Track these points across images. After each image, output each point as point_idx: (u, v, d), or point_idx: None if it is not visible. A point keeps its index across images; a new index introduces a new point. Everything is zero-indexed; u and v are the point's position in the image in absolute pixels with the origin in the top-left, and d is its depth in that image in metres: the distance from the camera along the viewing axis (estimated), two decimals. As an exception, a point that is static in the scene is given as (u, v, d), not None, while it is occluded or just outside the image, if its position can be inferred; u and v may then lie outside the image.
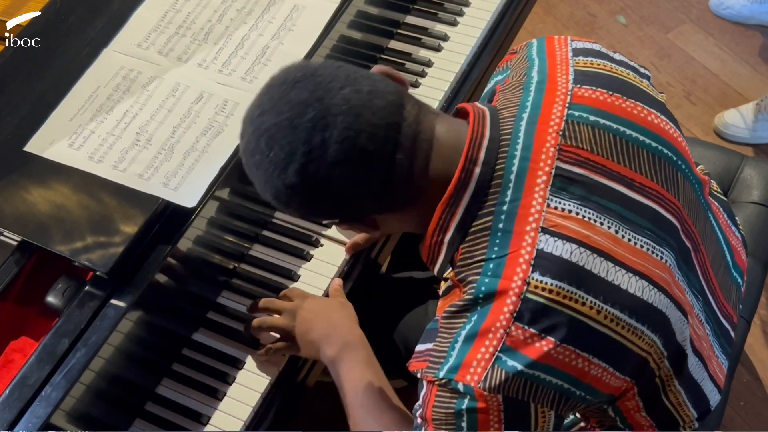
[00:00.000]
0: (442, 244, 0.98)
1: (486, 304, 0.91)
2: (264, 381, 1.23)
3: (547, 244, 0.91)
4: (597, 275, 0.92)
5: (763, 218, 1.51)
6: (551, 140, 0.96)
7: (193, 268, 1.26)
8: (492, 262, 0.92)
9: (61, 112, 1.25)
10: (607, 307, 0.92)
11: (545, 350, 0.90)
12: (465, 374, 0.90)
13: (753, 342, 2.00)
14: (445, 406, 0.93)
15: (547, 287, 0.90)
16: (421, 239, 1.02)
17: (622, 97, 1.02)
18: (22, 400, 1.05)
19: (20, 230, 1.15)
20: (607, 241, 0.94)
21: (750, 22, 2.61)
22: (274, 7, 1.36)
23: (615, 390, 0.98)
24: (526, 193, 0.93)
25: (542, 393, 0.92)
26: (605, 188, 0.96)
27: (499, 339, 0.90)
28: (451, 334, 0.93)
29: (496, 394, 0.90)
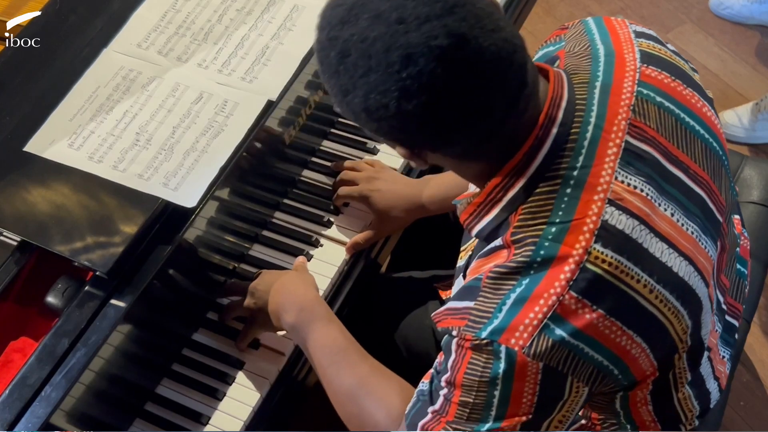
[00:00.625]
0: (499, 202, 0.94)
1: (542, 268, 0.89)
2: (264, 381, 1.23)
3: (612, 216, 0.90)
4: (652, 254, 0.92)
5: (763, 218, 1.51)
6: (623, 113, 0.95)
7: (193, 268, 1.25)
8: (555, 226, 0.90)
9: (60, 112, 1.25)
10: (659, 288, 0.92)
11: (594, 323, 0.89)
12: (510, 338, 0.88)
13: (753, 342, 2.00)
14: (480, 372, 0.91)
15: (607, 259, 0.89)
16: (466, 202, 0.98)
17: (682, 84, 1.02)
18: (22, 400, 1.05)
19: (20, 230, 1.14)
20: (664, 223, 0.94)
21: (750, 22, 2.61)
22: (274, 7, 1.36)
23: (641, 373, 0.98)
24: (597, 161, 0.91)
25: (582, 367, 0.91)
26: (666, 170, 0.96)
27: (551, 306, 0.88)
28: (497, 294, 0.90)
29: (537, 361, 0.88)
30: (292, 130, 1.38)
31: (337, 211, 1.40)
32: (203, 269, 1.29)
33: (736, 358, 1.39)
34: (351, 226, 1.39)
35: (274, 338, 1.27)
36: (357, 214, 1.40)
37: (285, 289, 1.21)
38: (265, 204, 1.39)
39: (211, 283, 1.31)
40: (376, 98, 0.84)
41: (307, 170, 1.45)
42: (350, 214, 1.40)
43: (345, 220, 1.40)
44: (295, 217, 1.40)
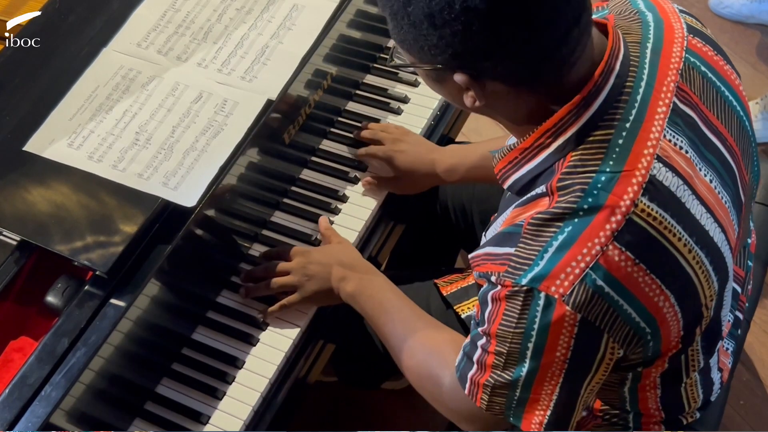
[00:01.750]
0: (546, 148, 0.93)
1: (587, 216, 0.88)
2: (264, 380, 1.23)
3: (659, 172, 0.90)
4: (693, 215, 0.93)
5: (764, 217, 1.51)
6: (672, 76, 0.96)
7: (192, 267, 1.26)
8: (604, 175, 0.89)
9: (60, 112, 1.25)
10: (697, 249, 0.93)
11: (635, 277, 0.89)
12: (551, 285, 0.88)
13: (753, 341, 2.00)
14: (515, 322, 0.91)
15: (652, 213, 0.89)
16: (507, 149, 0.98)
17: (723, 60, 1.04)
18: (21, 400, 1.05)
19: (20, 230, 1.14)
20: (703, 187, 0.95)
21: (750, 21, 2.61)
22: (274, 6, 1.36)
23: (667, 342, 0.98)
24: (648, 117, 0.92)
25: (619, 325, 0.90)
26: (706, 137, 0.98)
27: (594, 255, 0.87)
28: (539, 241, 0.90)
29: (576, 312, 0.88)
30: (292, 130, 1.38)
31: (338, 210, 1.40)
32: (203, 268, 1.29)
33: (736, 356, 1.39)
34: (349, 225, 1.39)
35: (273, 335, 1.27)
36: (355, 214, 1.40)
37: (342, 264, 1.26)
38: (265, 203, 1.39)
39: (210, 282, 1.31)
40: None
41: (307, 170, 1.45)
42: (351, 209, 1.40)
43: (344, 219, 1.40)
44: (294, 216, 1.40)
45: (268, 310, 1.28)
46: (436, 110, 1.52)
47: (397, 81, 1.55)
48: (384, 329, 1.20)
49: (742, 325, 1.40)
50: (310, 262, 1.28)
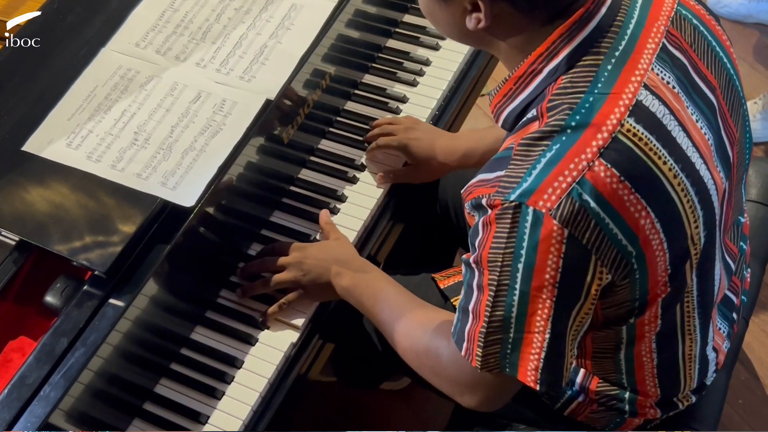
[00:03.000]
0: (539, 74, 0.97)
1: (575, 133, 0.91)
2: (263, 380, 1.23)
3: (646, 98, 0.94)
4: (679, 144, 0.96)
5: (761, 216, 1.51)
6: (662, 20, 1.00)
7: (191, 267, 1.25)
8: (593, 96, 0.93)
9: (59, 112, 1.25)
10: (682, 176, 0.95)
11: (620, 195, 0.91)
12: (538, 200, 0.90)
13: (751, 340, 2.00)
14: (505, 242, 0.92)
15: (638, 134, 0.92)
16: (500, 84, 1.02)
17: (714, 20, 1.08)
18: (20, 400, 1.05)
19: (18, 230, 1.14)
20: (690, 123, 0.98)
21: (748, 21, 2.61)
22: (272, 6, 1.36)
23: (654, 280, 0.99)
24: (637, 49, 0.96)
25: (606, 246, 0.92)
26: (694, 81, 1.01)
27: (580, 171, 0.90)
28: (528, 160, 0.92)
29: (563, 227, 0.89)
30: (291, 129, 1.38)
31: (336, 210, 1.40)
32: (201, 268, 1.29)
33: (734, 355, 1.39)
34: (348, 224, 1.39)
35: (272, 335, 1.27)
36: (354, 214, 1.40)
37: (337, 259, 1.26)
38: (264, 203, 1.39)
39: (209, 281, 1.31)
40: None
41: (305, 169, 1.45)
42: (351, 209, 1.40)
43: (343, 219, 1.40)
44: (293, 216, 1.40)
45: (268, 312, 1.27)
46: (435, 110, 1.52)
47: (396, 81, 1.55)
48: (380, 317, 1.20)
49: (740, 324, 1.40)
50: (307, 257, 1.27)
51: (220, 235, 1.30)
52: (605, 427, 1.20)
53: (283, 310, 1.28)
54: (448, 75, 1.55)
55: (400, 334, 1.16)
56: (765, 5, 2.56)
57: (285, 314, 1.28)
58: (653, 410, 1.16)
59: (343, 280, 1.24)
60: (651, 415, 1.17)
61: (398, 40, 1.60)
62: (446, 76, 1.55)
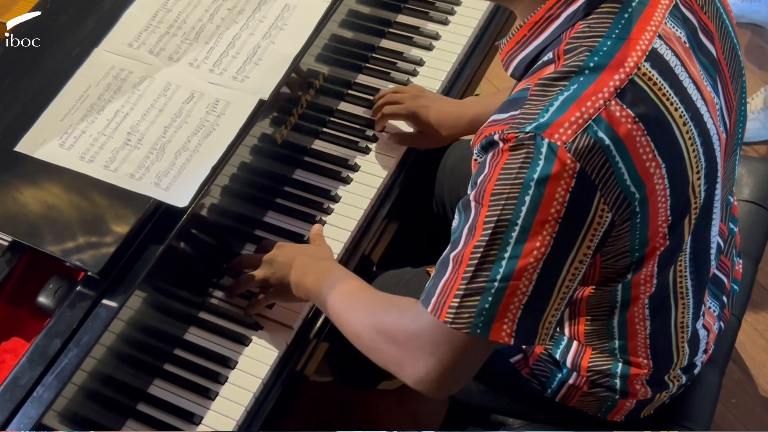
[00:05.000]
0: (556, 19, 0.98)
1: (593, 74, 0.93)
2: (257, 381, 1.23)
3: (660, 47, 0.96)
4: (690, 95, 0.98)
5: (754, 216, 1.52)
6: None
7: (185, 268, 1.25)
8: (611, 40, 0.95)
9: (51, 112, 1.25)
10: (691, 124, 0.98)
11: (633, 135, 0.93)
12: (554, 132, 0.90)
13: (744, 339, 2.01)
14: (515, 173, 0.91)
15: (653, 78, 0.95)
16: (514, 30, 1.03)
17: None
18: (13, 401, 1.05)
19: (11, 231, 1.14)
20: (698, 78, 1.01)
21: (740, 21, 2.62)
22: (265, 6, 1.36)
23: (653, 230, 0.99)
24: (652, 3, 0.98)
25: (612, 183, 0.93)
26: (701, 41, 1.04)
27: (597, 109, 0.91)
28: (545, 98, 0.93)
29: (576, 160, 0.90)
30: (284, 130, 1.38)
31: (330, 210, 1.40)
32: (195, 269, 1.29)
33: (727, 355, 1.39)
34: (342, 224, 1.39)
35: (266, 335, 1.27)
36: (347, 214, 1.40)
37: (307, 259, 1.24)
38: (257, 203, 1.39)
39: (202, 282, 1.31)
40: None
41: (299, 169, 1.45)
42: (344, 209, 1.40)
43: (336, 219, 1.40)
44: (287, 216, 1.40)
45: (246, 306, 1.28)
46: (429, 110, 1.52)
47: (389, 81, 1.55)
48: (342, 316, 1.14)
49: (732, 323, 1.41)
50: (278, 255, 1.27)
51: (214, 235, 1.30)
52: (597, 411, 1.21)
53: (256, 306, 1.27)
54: (442, 75, 1.55)
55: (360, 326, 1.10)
56: (757, 5, 2.57)
57: (279, 314, 1.28)
58: (644, 389, 1.16)
59: (307, 280, 1.21)
60: (642, 395, 1.17)
61: (392, 40, 1.60)
62: (439, 76, 1.55)
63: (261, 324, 1.28)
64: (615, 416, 1.21)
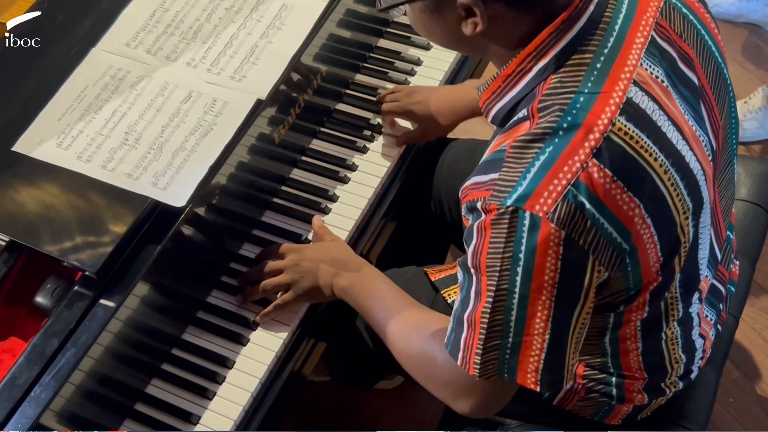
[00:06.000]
0: (528, 72, 0.97)
1: (567, 134, 0.91)
2: (254, 380, 1.23)
3: (636, 95, 0.94)
4: (669, 139, 0.96)
5: (751, 215, 1.52)
6: (651, 12, 1.00)
7: (182, 267, 1.25)
8: (583, 95, 0.92)
9: (49, 112, 1.25)
10: (672, 170, 0.96)
11: (614, 194, 0.92)
12: (535, 203, 0.90)
13: (741, 338, 2.01)
14: (503, 246, 0.92)
15: (629, 133, 0.92)
16: (488, 81, 1.02)
17: (704, 8, 1.08)
18: (11, 401, 1.05)
19: (9, 230, 1.14)
20: (680, 117, 0.99)
21: (738, 20, 2.62)
22: (263, 5, 1.36)
23: (646, 270, 1.00)
24: (626, 45, 0.96)
25: (602, 245, 0.92)
26: (683, 73, 1.02)
27: (574, 173, 0.90)
28: (522, 162, 0.92)
29: (560, 228, 0.89)
30: (282, 129, 1.37)
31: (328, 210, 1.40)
32: (192, 268, 1.29)
33: (724, 354, 1.39)
34: (340, 224, 1.39)
35: (263, 335, 1.27)
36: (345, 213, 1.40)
37: (334, 260, 1.27)
38: (255, 203, 1.39)
39: (200, 282, 1.31)
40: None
41: (297, 169, 1.45)
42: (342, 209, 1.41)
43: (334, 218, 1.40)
44: (285, 216, 1.40)
45: (262, 313, 1.27)
46: (426, 109, 1.52)
47: (388, 80, 1.55)
48: (377, 317, 1.20)
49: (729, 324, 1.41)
50: (303, 259, 1.28)
51: (211, 235, 1.30)
52: (594, 415, 1.21)
53: (278, 310, 1.28)
54: (439, 75, 1.55)
55: (396, 335, 1.16)
56: (755, 5, 2.57)
57: (277, 314, 1.28)
58: (641, 395, 1.17)
59: (341, 281, 1.25)
60: (639, 401, 1.17)
61: (389, 39, 1.60)
62: (437, 76, 1.55)
63: (259, 323, 1.28)
64: (612, 420, 1.21)
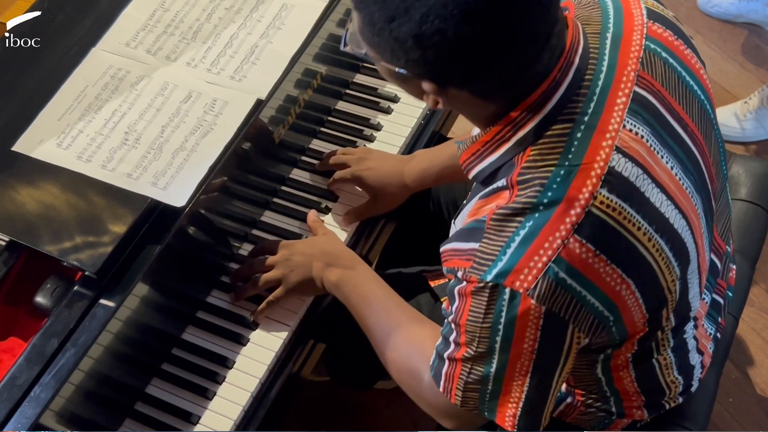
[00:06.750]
0: (507, 141, 0.94)
1: (547, 210, 0.89)
2: (254, 380, 1.23)
3: (618, 163, 0.92)
4: (653, 204, 0.94)
5: (751, 215, 1.52)
6: (632, 64, 0.97)
7: (182, 267, 1.25)
8: (563, 168, 0.90)
9: (49, 112, 1.25)
10: (656, 237, 0.94)
11: (596, 268, 0.90)
12: (515, 280, 0.89)
13: (741, 338, 2.01)
14: (482, 317, 0.92)
15: (612, 205, 0.91)
16: (469, 141, 1.00)
17: (684, 44, 1.05)
18: (11, 401, 1.05)
19: (9, 230, 1.14)
20: (664, 175, 0.96)
21: (738, 20, 2.62)
22: (263, 5, 1.36)
23: (632, 326, 1.00)
24: (607, 108, 0.93)
25: (583, 315, 0.92)
26: (668, 124, 0.99)
27: (555, 249, 0.89)
28: (502, 236, 0.91)
29: (540, 305, 0.89)
30: (282, 129, 1.37)
31: (328, 210, 1.40)
32: (192, 268, 1.29)
33: (724, 354, 1.39)
34: (340, 224, 1.39)
35: (263, 335, 1.27)
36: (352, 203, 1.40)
37: (325, 253, 1.27)
38: (255, 203, 1.39)
39: (200, 282, 1.31)
40: (434, 22, 0.82)
41: (297, 169, 1.45)
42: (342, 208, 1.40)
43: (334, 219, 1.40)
44: (284, 216, 1.40)
45: (257, 310, 1.28)
46: (427, 109, 1.52)
47: (387, 80, 1.55)
48: (367, 321, 1.20)
49: (730, 323, 1.40)
50: (294, 253, 1.28)
51: (211, 235, 1.30)
52: (594, 427, 1.21)
53: (271, 307, 1.28)
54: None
55: (387, 345, 1.17)
56: (755, 5, 2.57)
57: (276, 314, 1.28)
58: (640, 411, 1.17)
59: (331, 275, 1.25)
60: (638, 416, 1.17)
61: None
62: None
63: (258, 323, 1.28)
64: (613, 429, 1.22)
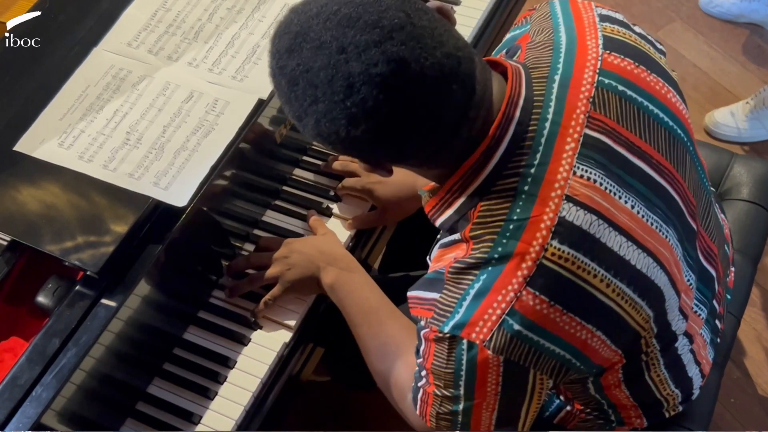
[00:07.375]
0: (458, 198, 0.96)
1: (499, 264, 0.91)
2: (255, 380, 1.23)
3: (569, 213, 0.91)
4: (611, 249, 0.93)
5: (752, 215, 1.52)
6: (582, 106, 0.95)
7: (183, 267, 1.25)
8: (512, 223, 0.91)
9: (50, 112, 1.25)
10: (615, 281, 0.94)
11: (552, 318, 0.91)
12: (471, 332, 0.91)
13: (743, 339, 2.01)
14: (445, 363, 0.95)
15: (563, 255, 0.90)
16: (429, 194, 1.01)
17: (646, 71, 1.02)
18: (12, 401, 1.05)
19: (10, 230, 1.14)
20: (624, 216, 0.95)
21: (739, 20, 2.62)
22: (265, 5, 1.36)
23: (605, 361, 1.00)
24: (554, 158, 0.92)
25: (544, 361, 0.93)
26: (627, 161, 0.97)
27: (509, 302, 0.90)
28: (459, 289, 0.93)
29: (498, 355, 0.91)
30: (283, 129, 1.37)
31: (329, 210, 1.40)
32: (194, 268, 1.29)
33: (726, 354, 1.39)
34: (340, 226, 1.39)
35: (265, 335, 1.27)
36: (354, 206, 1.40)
37: (323, 253, 1.27)
38: (257, 203, 1.39)
39: (201, 282, 1.31)
40: (326, 125, 0.87)
41: (298, 169, 1.45)
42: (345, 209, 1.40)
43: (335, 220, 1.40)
44: (286, 216, 1.39)
45: (257, 310, 1.27)
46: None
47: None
48: (359, 329, 1.21)
49: (731, 323, 1.40)
50: (291, 251, 1.28)
51: (213, 235, 1.30)
52: None
53: (269, 306, 1.27)
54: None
55: (375, 357, 1.19)
56: (756, 5, 2.57)
57: (277, 314, 1.28)
58: (640, 420, 1.17)
59: (327, 276, 1.25)
60: (638, 425, 1.17)
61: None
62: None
63: (260, 323, 1.28)
64: None
